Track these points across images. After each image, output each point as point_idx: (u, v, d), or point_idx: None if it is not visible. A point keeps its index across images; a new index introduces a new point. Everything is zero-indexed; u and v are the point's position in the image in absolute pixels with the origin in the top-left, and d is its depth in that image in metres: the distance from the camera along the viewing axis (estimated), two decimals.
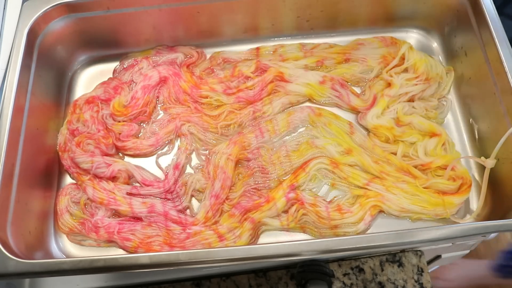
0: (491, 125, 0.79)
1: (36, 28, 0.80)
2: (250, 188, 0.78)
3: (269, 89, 0.86)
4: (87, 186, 0.77)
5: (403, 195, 0.75)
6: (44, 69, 0.82)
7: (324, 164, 0.78)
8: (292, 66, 0.87)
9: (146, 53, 0.92)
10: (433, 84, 0.84)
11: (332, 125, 0.82)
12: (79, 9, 0.83)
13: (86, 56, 0.92)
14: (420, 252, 0.77)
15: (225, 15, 0.88)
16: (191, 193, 0.78)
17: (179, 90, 0.86)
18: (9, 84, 0.74)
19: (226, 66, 0.91)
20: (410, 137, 0.80)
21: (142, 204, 0.76)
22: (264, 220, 0.75)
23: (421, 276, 0.75)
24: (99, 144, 0.80)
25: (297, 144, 0.82)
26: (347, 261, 0.77)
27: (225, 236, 0.73)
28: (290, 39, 0.94)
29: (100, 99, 0.85)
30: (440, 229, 0.63)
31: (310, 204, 0.75)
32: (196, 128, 0.83)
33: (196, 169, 0.81)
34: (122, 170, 0.79)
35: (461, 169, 0.76)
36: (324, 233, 0.74)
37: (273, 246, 0.62)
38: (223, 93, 0.85)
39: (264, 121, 0.83)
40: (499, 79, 0.75)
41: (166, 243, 0.73)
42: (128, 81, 0.88)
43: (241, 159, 0.80)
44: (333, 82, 0.85)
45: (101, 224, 0.74)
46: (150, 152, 0.83)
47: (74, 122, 0.83)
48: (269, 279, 0.76)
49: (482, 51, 0.79)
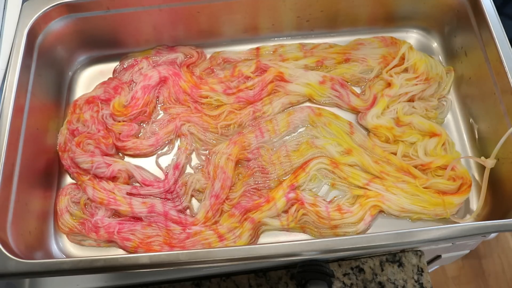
0: (491, 125, 0.79)
1: (36, 28, 0.80)
2: (250, 188, 0.78)
3: (269, 89, 0.86)
4: (87, 186, 0.77)
5: (403, 195, 0.75)
6: (44, 69, 0.82)
7: (324, 164, 0.78)
8: (292, 66, 0.87)
9: (146, 53, 0.92)
10: (433, 84, 0.84)
11: (332, 125, 0.82)
12: (79, 9, 0.83)
13: (86, 56, 0.92)
14: (420, 252, 0.77)
15: (225, 15, 0.88)
16: (191, 193, 0.78)
17: (179, 90, 0.86)
18: (9, 84, 0.74)
19: (226, 66, 0.91)
20: (410, 137, 0.80)
21: (142, 204, 0.76)
22: (264, 220, 0.75)
23: (421, 276, 0.75)
24: (99, 144, 0.80)
25: (297, 144, 0.82)
26: (347, 261, 0.77)
27: (225, 236, 0.73)
28: (290, 39, 0.94)
29: (100, 99, 0.85)
30: (440, 229, 0.63)
31: (310, 204, 0.75)
32: (196, 128, 0.83)
33: (196, 169, 0.81)
34: (122, 170, 0.79)
35: (461, 169, 0.76)
36: (324, 233, 0.74)
37: (273, 246, 0.62)
38: (223, 93, 0.85)
39: (264, 121, 0.83)
40: (499, 79, 0.75)
41: (166, 243, 0.73)
42: (128, 81, 0.88)
43: (241, 159, 0.80)
44: (333, 82, 0.85)
45: (101, 224, 0.74)
46: (150, 152, 0.83)
47: (74, 122, 0.83)
48: (269, 279, 0.76)
49: (482, 51, 0.79)
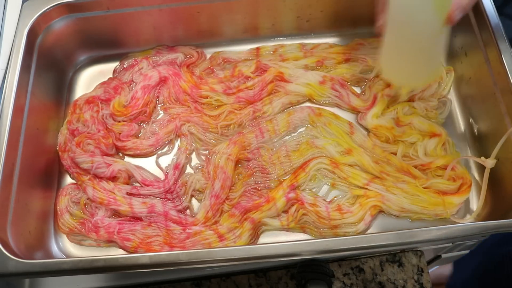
0: (491, 125, 0.79)
1: (36, 28, 0.80)
2: (250, 188, 0.78)
3: (269, 89, 0.86)
4: (87, 186, 0.77)
5: (403, 195, 0.75)
6: (44, 69, 0.82)
7: (324, 164, 0.78)
8: (292, 66, 0.87)
9: (146, 53, 0.92)
10: (433, 84, 0.84)
11: (332, 125, 0.82)
12: (79, 9, 0.83)
13: (86, 56, 0.92)
14: (420, 252, 0.77)
15: (225, 15, 0.88)
16: (191, 193, 0.78)
17: (179, 90, 0.86)
18: (9, 84, 0.74)
19: (226, 66, 0.90)
20: (410, 137, 0.80)
21: (142, 204, 0.76)
22: (264, 220, 0.75)
23: (421, 276, 0.75)
24: (99, 144, 0.80)
25: (297, 144, 0.82)
26: (347, 261, 0.77)
27: (225, 236, 0.73)
28: (290, 39, 0.94)
29: (100, 99, 0.85)
30: (440, 229, 0.63)
31: (310, 204, 0.75)
32: (196, 128, 0.83)
33: (196, 169, 0.81)
34: (122, 170, 0.79)
35: (461, 169, 0.76)
36: (324, 233, 0.74)
37: (273, 246, 0.62)
38: (223, 93, 0.85)
39: (264, 121, 0.83)
40: (499, 79, 0.75)
41: (166, 243, 0.73)
42: (128, 81, 0.88)
43: (241, 159, 0.80)
44: (333, 82, 0.85)
45: (101, 224, 0.74)
46: (150, 152, 0.83)
47: (74, 122, 0.83)
48: (269, 279, 0.76)
49: (482, 51, 0.79)
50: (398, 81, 0.80)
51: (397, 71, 0.77)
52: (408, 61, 0.74)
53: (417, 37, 0.68)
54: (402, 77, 0.78)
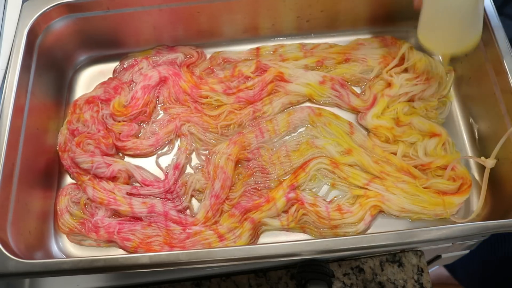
0: (491, 125, 0.79)
1: (36, 28, 0.80)
2: (250, 188, 0.78)
3: (269, 89, 0.86)
4: (87, 186, 0.77)
5: (403, 195, 0.75)
6: (44, 69, 0.82)
7: (324, 164, 0.78)
8: (292, 66, 0.87)
9: (146, 53, 0.92)
10: (433, 84, 0.84)
11: (332, 125, 0.82)
12: (79, 9, 0.83)
13: (86, 56, 0.92)
14: (420, 252, 0.77)
15: (225, 15, 0.88)
16: (191, 193, 0.78)
17: (179, 90, 0.86)
18: (9, 84, 0.74)
19: (226, 66, 0.90)
20: (410, 137, 0.80)
21: (142, 204, 0.76)
22: (264, 220, 0.75)
23: (421, 276, 0.75)
24: (99, 144, 0.80)
25: (297, 144, 0.82)
26: (347, 261, 0.77)
27: (225, 236, 0.73)
28: (290, 39, 0.94)
29: (100, 99, 0.85)
30: (440, 229, 0.63)
31: (310, 204, 0.75)
32: (196, 128, 0.83)
33: (196, 169, 0.81)
34: (122, 170, 0.79)
35: (461, 169, 0.76)
36: (324, 233, 0.74)
37: (273, 246, 0.63)
38: (223, 93, 0.85)
39: (264, 121, 0.83)
40: (499, 79, 0.75)
41: (166, 243, 0.73)
42: (128, 81, 0.88)
43: (241, 159, 0.80)
44: (333, 82, 0.85)
45: (101, 224, 0.74)
46: (150, 152, 0.83)
47: (74, 122, 0.83)
48: (269, 279, 0.76)
49: (482, 51, 0.79)
50: (439, 49, 0.82)
51: (438, 39, 0.78)
52: (449, 28, 0.75)
53: (456, 2, 0.70)
54: (443, 45, 0.79)
